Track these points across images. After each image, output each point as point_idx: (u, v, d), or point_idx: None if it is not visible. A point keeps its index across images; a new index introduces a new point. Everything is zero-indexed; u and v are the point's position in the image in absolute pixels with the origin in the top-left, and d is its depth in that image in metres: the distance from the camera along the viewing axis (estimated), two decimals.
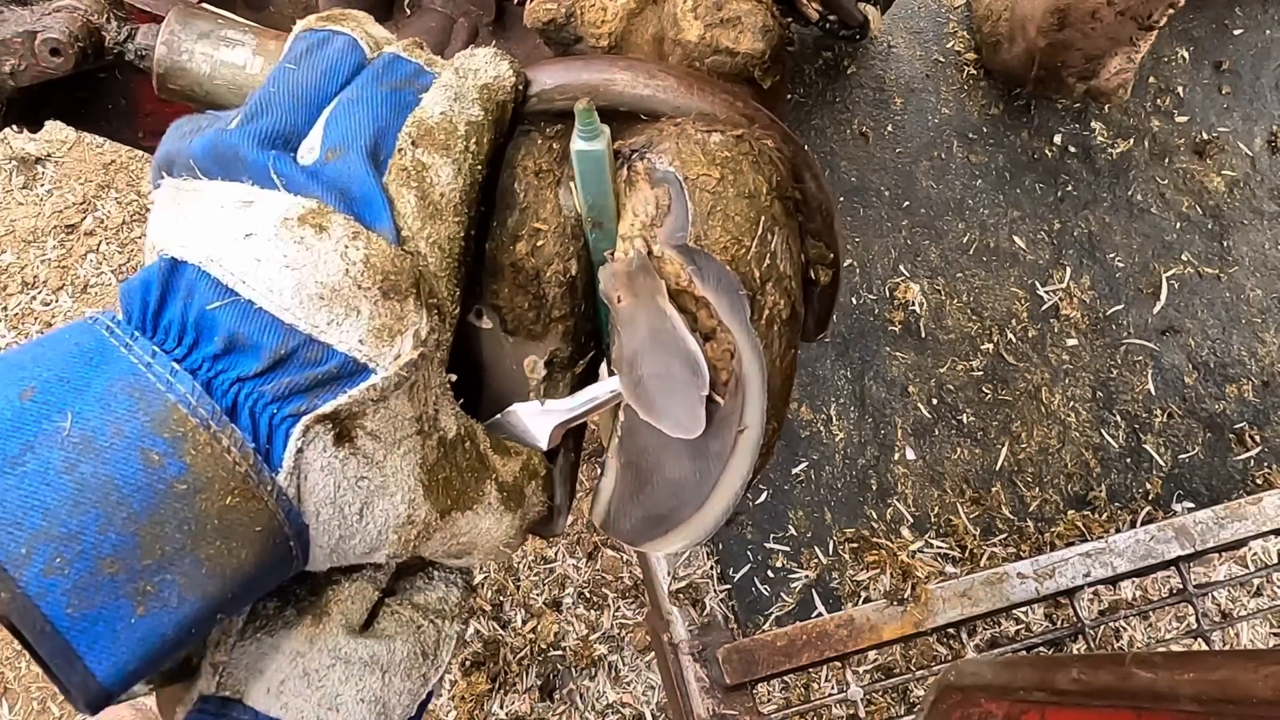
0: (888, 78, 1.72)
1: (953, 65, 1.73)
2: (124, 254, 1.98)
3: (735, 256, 0.66)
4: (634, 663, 1.76)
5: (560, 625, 1.78)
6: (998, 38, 1.72)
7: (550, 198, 0.69)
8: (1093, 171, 1.67)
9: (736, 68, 0.77)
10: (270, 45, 0.73)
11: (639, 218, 0.67)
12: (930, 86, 1.72)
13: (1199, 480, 1.53)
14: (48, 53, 0.73)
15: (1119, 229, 1.64)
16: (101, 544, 0.41)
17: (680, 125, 0.69)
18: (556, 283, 0.70)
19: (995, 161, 1.70)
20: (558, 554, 1.82)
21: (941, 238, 1.77)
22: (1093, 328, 1.75)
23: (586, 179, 0.67)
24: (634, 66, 0.71)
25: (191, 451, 0.43)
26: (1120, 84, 1.67)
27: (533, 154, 0.69)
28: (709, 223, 0.66)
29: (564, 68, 0.71)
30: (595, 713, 1.73)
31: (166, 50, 0.72)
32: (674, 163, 0.67)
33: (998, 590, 1.43)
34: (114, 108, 0.87)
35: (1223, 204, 1.65)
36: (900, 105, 1.71)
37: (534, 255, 0.69)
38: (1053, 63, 1.60)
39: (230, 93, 0.73)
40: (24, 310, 1.91)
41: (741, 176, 0.67)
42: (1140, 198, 1.66)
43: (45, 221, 1.99)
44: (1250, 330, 1.59)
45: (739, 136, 0.69)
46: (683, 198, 0.66)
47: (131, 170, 2.03)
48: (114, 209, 2.01)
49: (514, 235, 0.69)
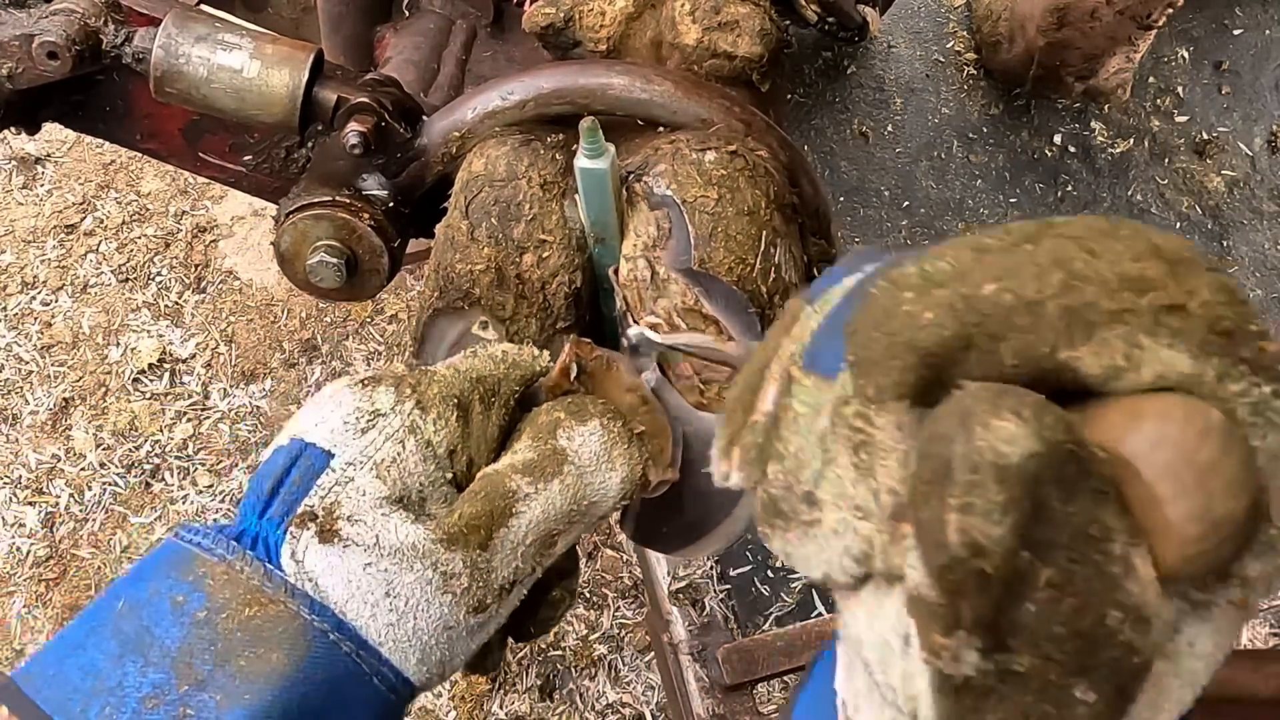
0: (888, 78, 1.73)
1: (953, 65, 1.74)
2: (123, 254, 2.00)
3: (741, 275, 0.66)
4: (634, 663, 1.76)
5: (560, 626, 1.76)
6: (997, 37, 1.73)
7: (555, 210, 0.69)
8: (1093, 171, 1.69)
9: (734, 71, 0.77)
10: (268, 49, 0.73)
11: (641, 239, 0.67)
12: (930, 86, 1.73)
13: None
14: (45, 56, 0.74)
15: None
16: (142, 685, 0.48)
17: (674, 144, 0.69)
18: (563, 294, 0.70)
19: (995, 161, 1.71)
20: None
21: (941, 238, 1.78)
22: None
23: (590, 196, 0.67)
24: (631, 71, 0.71)
25: (209, 583, 0.51)
26: (1119, 83, 1.68)
27: (537, 166, 0.70)
28: (711, 245, 0.66)
29: (561, 72, 0.71)
30: (595, 713, 1.74)
31: (164, 54, 0.72)
32: (671, 185, 0.67)
33: None
34: (111, 110, 0.87)
35: (1222, 204, 1.66)
36: (900, 105, 1.72)
37: (540, 267, 0.70)
38: (1052, 62, 1.61)
39: (228, 96, 0.73)
40: (24, 310, 1.94)
41: (739, 194, 0.68)
42: (1140, 198, 1.67)
43: (45, 221, 2.02)
44: None
45: (733, 152, 0.69)
46: (683, 221, 0.66)
47: (131, 170, 2.06)
48: (113, 209, 2.03)
49: (520, 247, 0.69)
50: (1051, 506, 0.29)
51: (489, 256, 0.70)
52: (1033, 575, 0.30)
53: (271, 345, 1.97)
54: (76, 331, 1.96)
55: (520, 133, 0.73)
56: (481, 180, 0.71)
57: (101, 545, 1.79)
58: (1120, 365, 0.31)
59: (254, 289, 2.03)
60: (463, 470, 0.58)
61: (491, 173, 0.71)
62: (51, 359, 1.95)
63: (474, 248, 0.71)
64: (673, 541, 0.71)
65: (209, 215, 2.08)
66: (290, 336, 1.97)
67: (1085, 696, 0.31)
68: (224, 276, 2.03)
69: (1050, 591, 0.30)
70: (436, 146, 0.77)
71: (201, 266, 2.03)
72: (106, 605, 0.52)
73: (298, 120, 0.74)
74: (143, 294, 2.00)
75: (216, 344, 1.98)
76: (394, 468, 0.55)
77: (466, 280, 0.72)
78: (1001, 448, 0.29)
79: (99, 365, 1.94)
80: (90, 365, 1.94)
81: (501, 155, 0.71)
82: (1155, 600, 0.31)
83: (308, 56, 0.74)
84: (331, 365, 1.90)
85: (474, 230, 0.71)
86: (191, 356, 1.96)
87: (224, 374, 1.94)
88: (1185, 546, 0.30)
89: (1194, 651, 0.32)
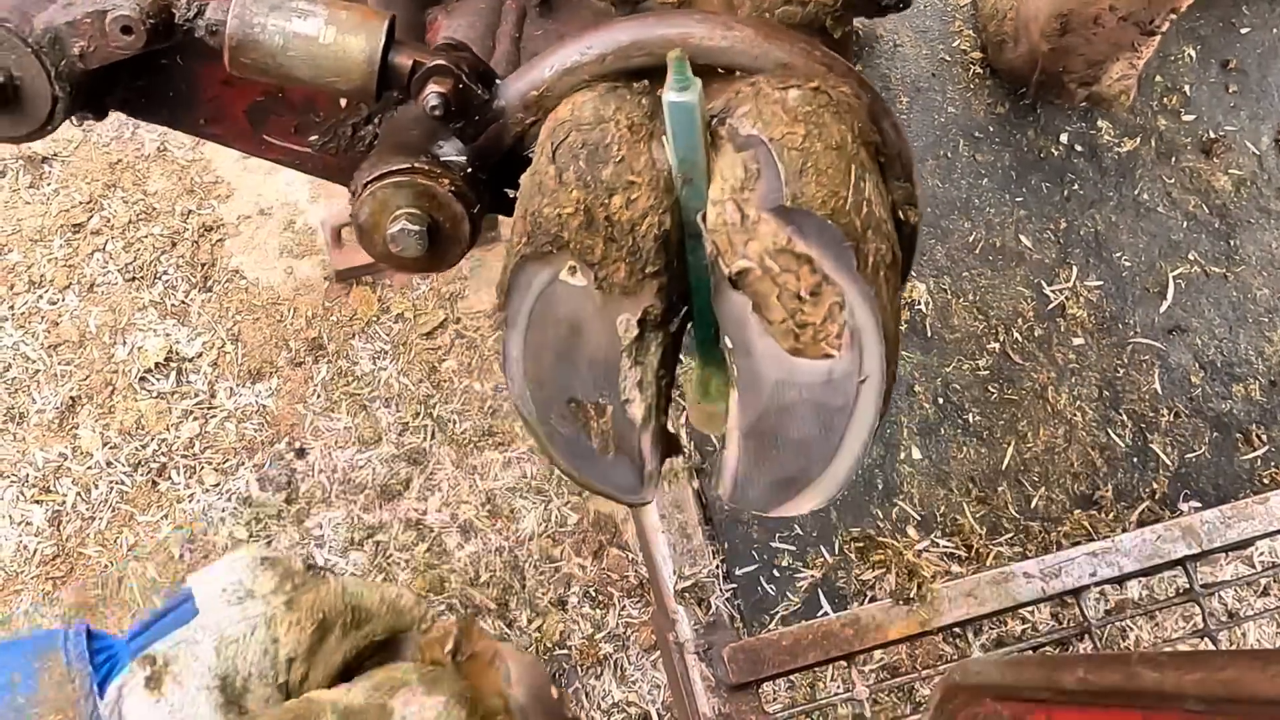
0: (894, 76, 1.74)
1: (959, 64, 1.75)
2: (129, 253, 2.00)
3: (834, 209, 0.65)
4: (639, 662, 1.77)
5: (565, 624, 1.79)
6: (1003, 37, 1.73)
7: (644, 151, 0.69)
8: (1099, 170, 1.69)
9: (808, 17, 0.76)
10: (342, 15, 0.73)
11: (728, 182, 0.67)
12: (936, 85, 1.74)
13: (1205, 480, 1.56)
14: (119, 31, 0.73)
15: (1125, 228, 1.66)
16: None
17: (755, 84, 0.69)
18: (652, 236, 0.70)
19: (1001, 160, 1.72)
20: (563, 553, 1.83)
21: (948, 237, 1.78)
22: (1099, 327, 1.76)
23: (679, 131, 0.67)
24: (709, 19, 0.71)
25: (44, 678, 0.58)
26: (1123, 90, 1.69)
27: (624, 109, 0.70)
28: (802, 180, 0.65)
29: (639, 23, 0.71)
30: (601, 712, 1.74)
31: (239, 23, 0.72)
32: (756, 125, 0.67)
33: (1003, 590, 1.44)
34: (175, 95, 0.87)
35: (1230, 203, 1.67)
36: (906, 104, 1.73)
37: (629, 208, 0.69)
38: (1055, 68, 1.62)
39: (304, 64, 0.73)
40: (31, 309, 1.94)
41: (826, 129, 0.67)
42: (1147, 196, 1.68)
43: (52, 220, 2.01)
44: (1257, 329, 1.61)
45: (815, 89, 0.68)
46: (771, 160, 0.65)
47: (137, 170, 2.06)
48: (120, 208, 2.03)
49: (609, 189, 0.69)
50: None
51: (577, 199, 0.70)
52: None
53: (278, 344, 1.97)
54: (83, 330, 1.95)
55: (604, 82, 0.73)
56: (569, 125, 0.71)
57: (108, 544, 1.79)
58: None
59: (260, 288, 2.02)
60: (295, 682, 0.62)
61: (579, 117, 0.71)
62: (58, 358, 1.94)
63: (562, 191, 0.71)
64: (772, 498, 0.71)
65: (215, 214, 2.07)
66: (296, 335, 1.97)
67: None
68: (230, 275, 2.02)
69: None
70: (515, 108, 0.76)
71: (208, 265, 2.03)
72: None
73: (375, 86, 0.74)
74: (149, 293, 1.99)
75: (223, 343, 1.97)
76: (234, 647, 0.61)
77: (555, 224, 0.71)
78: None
79: (105, 364, 1.94)
80: (97, 364, 1.93)
81: (588, 100, 0.71)
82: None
83: (383, 22, 0.74)
84: (338, 364, 1.91)
85: (561, 174, 0.71)
86: (198, 355, 1.96)
87: (230, 373, 1.94)
88: None
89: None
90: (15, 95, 0.75)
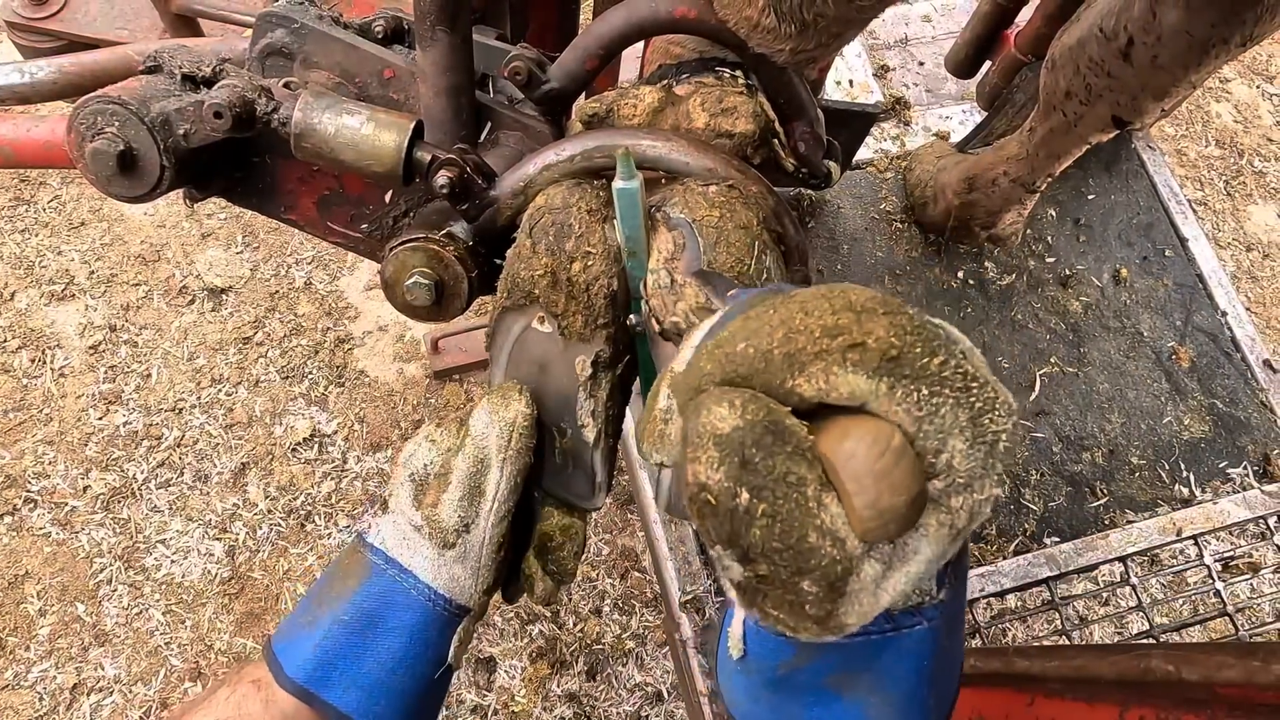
0: (837, 230, 1.75)
1: (884, 220, 1.78)
2: (285, 358, 2.19)
3: (740, 272, 0.68)
4: (655, 654, 1.93)
5: (601, 627, 1.95)
6: (925, 200, 1.82)
7: (598, 229, 0.71)
8: (986, 298, 1.80)
9: (734, 148, 0.81)
10: (380, 115, 0.76)
11: (662, 254, 0.69)
12: (869, 236, 1.82)
13: (1063, 521, 1.66)
14: (212, 115, 0.76)
15: (1005, 339, 1.77)
16: (307, 605, 0.70)
17: (685, 184, 0.73)
18: (603, 295, 0.72)
19: (915, 290, 1.81)
20: (599, 575, 1.99)
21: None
22: None
23: (624, 213, 0.69)
24: (655, 133, 0.76)
25: (343, 550, 0.70)
26: (1012, 232, 1.79)
27: (585, 198, 0.73)
28: (716, 250, 0.68)
29: (604, 134, 0.76)
30: (627, 690, 1.90)
31: (301, 115, 0.76)
32: (684, 210, 0.70)
33: None
34: (262, 187, 0.91)
35: (1080, 321, 1.80)
36: (846, 250, 1.70)
37: (585, 272, 0.71)
38: (964, 216, 1.75)
39: (348, 149, 0.76)
40: (213, 399, 2.15)
41: (736, 213, 0.70)
42: (1020, 317, 1.80)
43: (228, 335, 2.21)
44: (1100, 413, 1.73)
45: (730, 186, 0.72)
46: (694, 235, 0.68)
47: (290, 298, 2.27)
48: (278, 326, 2.23)
49: (570, 257, 0.71)
50: (756, 461, 0.37)
51: (546, 264, 0.73)
52: (753, 508, 0.37)
53: (392, 424, 2.12)
54: (251, 414, 2.11)
55: (572, 179, 0.76)
56: (543, 209, 0.74)
57: (269, 569, 1.98)
58: (823, 388, 0.37)
59: (379, 383, 2.16)
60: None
61: (551, 204, 0.74)
62: (233, 434, 2.10)
63: (535, 258, 0.73)
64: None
65: (347, 330, 2.22)
66: (405, 418, 2.13)
67: (810, 589, 0.38)
68: (358, 375, 2.17)
69: (765, 519, 0.37)
70: (506, 196, 0.78)
71: (341, 367, 2.17)
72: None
73: (402, 171, 0.77)
74: (299, 387, 2.15)
75: (352, 423, 2.11)
76: (415, 460, 0.70)
77: (528, 283, 0.74)
78: (717, 423, 0.37)
79: (266, 439, 2.09)
80: (260, 439, 2.09)
81: (558, 191, 0.74)
82: (844, 527, 0.37)
83: (410, 123, 0.77)
84: None
85: (535, 245, 0.73)
86: (334, 432, 2.10)
87: (358, 444, 2.09)
88: (864, 524, 0.37)
89: (918, 558, 0.39)
90: (133, 163, 0.79)
